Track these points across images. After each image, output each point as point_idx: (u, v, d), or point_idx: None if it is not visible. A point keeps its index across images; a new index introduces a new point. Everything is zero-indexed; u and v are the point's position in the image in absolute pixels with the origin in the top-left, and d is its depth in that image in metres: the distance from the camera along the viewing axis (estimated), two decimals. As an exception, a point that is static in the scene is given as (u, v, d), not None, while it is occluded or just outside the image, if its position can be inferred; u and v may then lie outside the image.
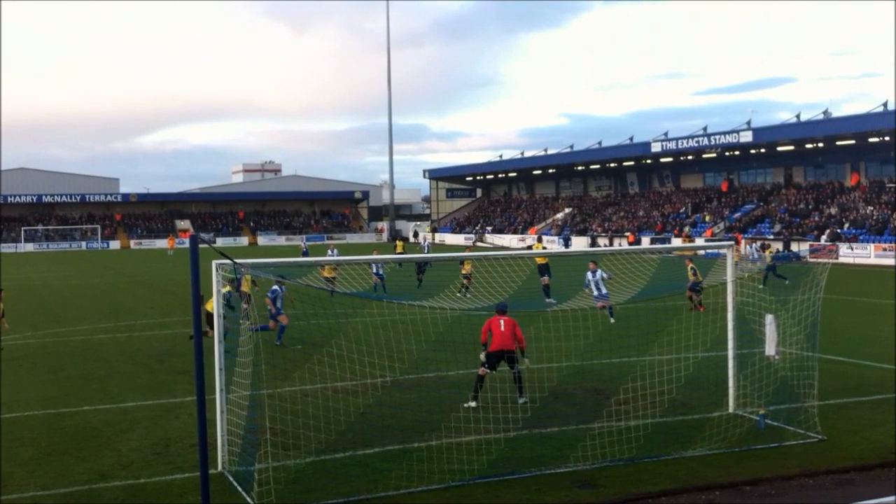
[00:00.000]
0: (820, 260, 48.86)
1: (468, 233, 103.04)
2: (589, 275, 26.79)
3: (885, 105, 62.98)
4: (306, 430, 13.46)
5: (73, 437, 14.46)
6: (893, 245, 54.00)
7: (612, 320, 25.57)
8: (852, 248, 58.66)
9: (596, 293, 26.19)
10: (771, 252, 42.09)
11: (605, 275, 26.49)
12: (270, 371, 14.92)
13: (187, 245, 10.78)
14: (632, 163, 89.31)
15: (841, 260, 56.67)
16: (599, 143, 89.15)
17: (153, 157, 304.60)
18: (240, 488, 11.57)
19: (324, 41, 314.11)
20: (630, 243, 73.97)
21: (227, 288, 21.58)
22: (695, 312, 26.92)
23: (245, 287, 21.82)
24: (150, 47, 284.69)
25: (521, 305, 18.70)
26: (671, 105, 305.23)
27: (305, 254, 59.78)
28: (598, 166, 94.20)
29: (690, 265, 30.00)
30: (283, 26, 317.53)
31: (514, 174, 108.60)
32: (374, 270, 35.58)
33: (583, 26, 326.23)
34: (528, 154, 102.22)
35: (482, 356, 15.97)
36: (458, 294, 28.22)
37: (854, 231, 61.63)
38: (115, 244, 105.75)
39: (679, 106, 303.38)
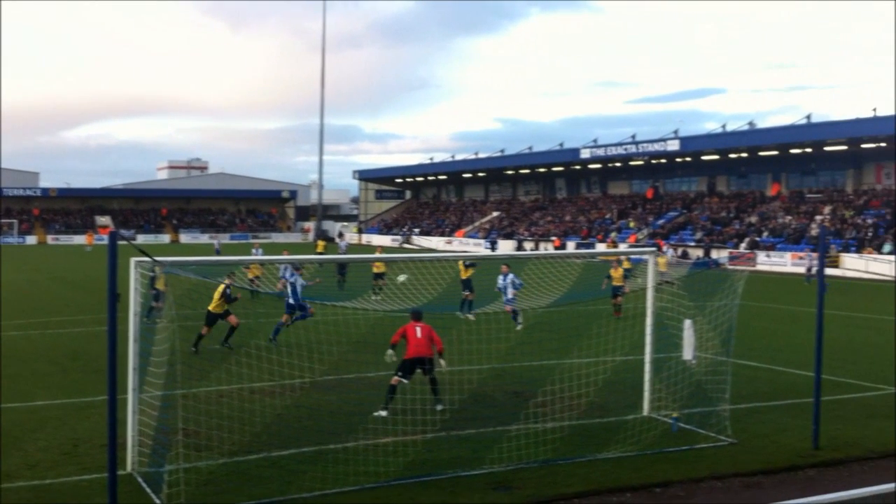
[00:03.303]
0: (738, 267, 49.94)
1: (395, 234, 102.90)
2: (500, 278, 26.77)
3: (808, 118, 64.73)
4: (220, 431, 13.26)
5: (-23, 437, 14.00)
6: (804, 253, 55.32)
7: (518, 327, 25.45)
8: (769, 256, 60.08)
9: (504, 298, 26.19)
10: (668, 259, 42.72)
11: (516, 280, 26.31)
12: (186, 371, 14.65)
13: (106, 242, 10.52)
14: (561, 168, 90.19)
15: (758, 267, 58.02)
16: (530, 148, 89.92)
17: (78, 151, 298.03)
18: (149, 490, 11.33)
19: (261, 39, 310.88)
20: (556, 248, 74.65)
21: (227, 281, 21.67)
22: (616, 317, 27.24)
23: (161, 285, 21.52)
24: (79, 40, 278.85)
25: (440, 309, 18.71)
26: (604, 113, 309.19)
27: (218, 252, 58.79)
28: (527, 171, 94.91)
29: (620, 269, 30.00)
30: (219, 23, 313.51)
31: (444, 177, 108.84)
32: (281, 274, 33.46)
33: (520, 33, 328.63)
34: (459, 157, 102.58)
35: (389, 353, 15.91)
36: (375, 297, 28.02)
37: (772, 240, 63.12)
38: (31, 239, 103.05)
39: (611, 114, 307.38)
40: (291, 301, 23.20)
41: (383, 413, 15.07)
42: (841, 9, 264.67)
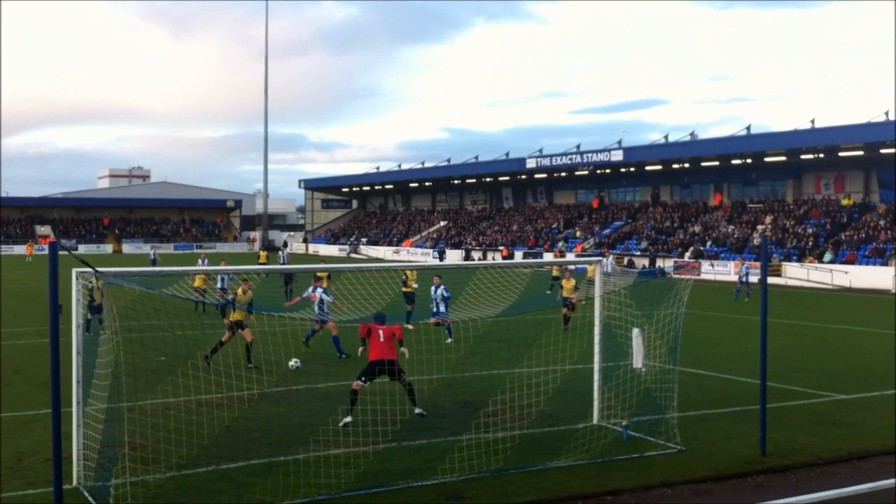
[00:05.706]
0: (683, 276, 50.49)
1: (343, 244, 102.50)
2: (432, 289, 26.68)
3: (748, 129, 65.89)
4: (168, 444, 13.03)
5: (-85, 453, 13.60)
6: (738, 262, 56.11)
7: (450, 340, 24.91)
8: (713, 266, 60.92)
9: (434, 309, 26.05)
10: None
11: (445, 293, 25.97)
12: (131, 383, 14.37)
13: (47, 252, 10.31)
14: (507, 178, 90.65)
15: (703, 277, 58.79)
16: (476, 157, 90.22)
17: (16, 159, 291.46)
18: (95, 504, 11.12)
19: (205, 46, 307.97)
20: (504, 257, 74.95)
21: (244, 287, 21.79)
22: (563, 329, 27.26)
23: (97, 297, 21.14)
24: (16, 44, 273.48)
25: (390, 320, 18.63)
26: (549, 123, 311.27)
27: (154, 262, 57.93)
28: (474, 180, 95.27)
29: (572, 280, 30.00)
30: (162, 30, 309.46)
31: (390, 186, 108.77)
32: (220, 285, 32.70)
33: (466, 43, 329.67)
34: (405, 167, 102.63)
35: (361, 350, 15.82)
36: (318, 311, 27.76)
37: (716, 249, 64.04)
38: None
39: (556, 124, 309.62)
40: (317, 310, 23.69)
41: (348, 419, 14.92)
42: (779, 21, 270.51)
